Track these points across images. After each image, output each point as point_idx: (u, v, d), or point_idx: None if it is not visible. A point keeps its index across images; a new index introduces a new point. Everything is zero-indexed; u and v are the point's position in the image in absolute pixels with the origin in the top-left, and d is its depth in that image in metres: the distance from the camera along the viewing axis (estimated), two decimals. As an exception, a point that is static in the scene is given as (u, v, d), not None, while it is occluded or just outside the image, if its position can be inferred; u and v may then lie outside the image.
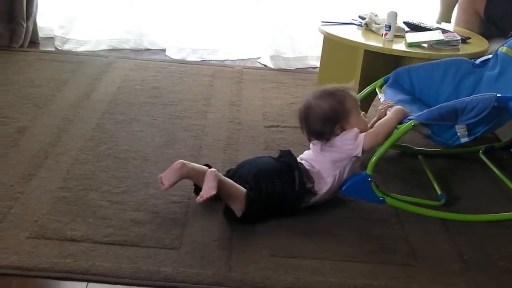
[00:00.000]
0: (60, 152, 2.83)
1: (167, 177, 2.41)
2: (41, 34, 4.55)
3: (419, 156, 3.10)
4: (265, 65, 4.49)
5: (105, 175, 2.66)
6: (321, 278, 2.11)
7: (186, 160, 2.56)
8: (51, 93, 3.53)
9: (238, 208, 2.36)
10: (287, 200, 2.44)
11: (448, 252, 2.34)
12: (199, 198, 2.30)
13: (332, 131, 2.53)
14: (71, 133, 3.03)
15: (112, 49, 4.54)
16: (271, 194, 2.41)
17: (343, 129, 2.54)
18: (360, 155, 2.53)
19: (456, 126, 2.52)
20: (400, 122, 2.55)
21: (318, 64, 3.82)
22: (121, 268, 2.06)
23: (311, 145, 2.63)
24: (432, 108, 2.54)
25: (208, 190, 2.30)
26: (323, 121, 2.53)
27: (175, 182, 2.42)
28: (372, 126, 2.59)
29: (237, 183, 2.42)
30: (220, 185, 2.34)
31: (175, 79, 3.99)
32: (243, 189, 2.37)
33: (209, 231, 2.32)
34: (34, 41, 4.47)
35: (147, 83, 3.85)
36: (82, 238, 2.20)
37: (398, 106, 2.64)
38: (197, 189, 2.51)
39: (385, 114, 2.64)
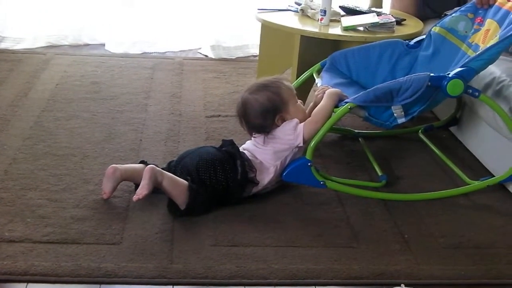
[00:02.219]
0: (-3, 152, 2.79)
1: (104, 185, 2.45)
2: (-24, 33, 4.47)
3: (360, 139, 3.13)
4: (206, 55, 4.47)
5: (43, 174, 2.62)
6: (263, 265, 2.12)
7: (128, 154, 2.56)
8: (-13, 94, 3.47)
9: (181, 201, 2.35)
10: (229, 190, 2.44)
11: (389, 232, 2.37)
12: (135, 197, 2.31)
13: (273, 123, 2.55)
14: (8, 133, 2.98)
15: (50, 45, 4.47)
16: (214, 184, 2.41)
17: (283, 120, 2.55)
18: (301, 144, 2.54)
19: (392, 107, 2.54)
20: (336, 106, 2.57)
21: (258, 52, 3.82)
22: (61, 267, 2.04)
23: (253, 139, 2.63)
24: (368, 90, 2.56)
25: (141, 189, 2.31)
26: (263, 115, 2.53)
27: (114, 188, 2.45)
28: (310, 113, 2.60)
29: (181, 174, 2.42)
30: (160, 181, 2.34)
31: (114, 73, 3.96)
32: (185, 182, 2.37)
33: (151, 224, 2.31)
34: (-32, 41, 4.39)
35: (86, 79, 3.81)
36: (20, 238, 2.17)
37: (332, 90, 2.65)
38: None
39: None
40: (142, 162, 2.52)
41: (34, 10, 4.42)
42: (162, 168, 2.44)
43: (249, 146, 2.60)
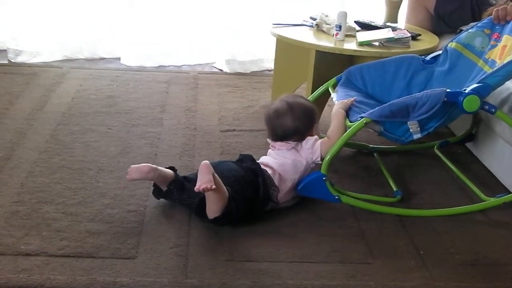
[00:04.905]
0: (14, 165, 2.79)
1: (133, 171, 2.47)
2: (-7, 47, 4.51)
3: (375, 154, 3.12)
4: (220, 70, 4.49)
5: (59, 187, 2.63)
6: (278, 281, 2.11)
7: None
8: (3, 107, 3.49)
9: (215, 208, 2.33)
10: (253, 207, 2.44)
11: (405, 248, 2.36)
12: (197, 187, 2.26)
13: (308, 131, 2.60)
14: (24, 146, 2.99)
15: (66, 59, 4.50)
16: (244, 202, 2.40)
17: (312, 133, 2.60)
18: (319, 160, 2.55)
19: (408, 122, 2.53)
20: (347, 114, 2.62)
21: (273, 66, 3.82)
22: (76, 281, 2.04)
23: (271, 151, 2.65)
24: (384, 105, 2.55)
25: (208, 182, 2.25)
26: (305, 117, 2.60)
27: (138, 180, 2.50)
28: None
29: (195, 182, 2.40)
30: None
31: (130, 87, 3.97)
32: (226, 191, 2.36)
33: (166, 238, 2.31)
34: (-14, 54, 4.43)
35: (101, 93, 3.83)
36: (36, 252, 2.18)
37: (335, 108, 2.70)
38: (156, 190, 2.53)
39: None
40: (170, 168, 2.53)
41: (50, 24, 4.44)
42: (167, 190, 2.51)
43: (268, 160, 2.60)
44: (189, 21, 4.55)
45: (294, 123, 2.58)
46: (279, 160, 2.57)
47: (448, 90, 2.49)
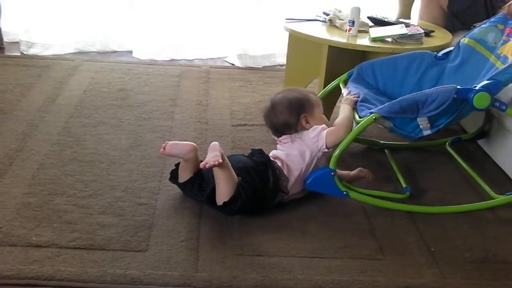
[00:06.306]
0: (25, 157, 2.81)
1: (172, 147, 2.51)
2: (6, 38, 4.51)
3: (386, 150, 3.11)
4: (232, 64, 4.49)
5: (70, 179, 2.64)
6: (288, 276, 2.11)
7: (155, 161, 2.68)
8: (16, 98, 3.50)
9: (225, 191, 2.35)
10: (262, 198, 2.45)
11: (415, 245, 2.35)
12: (203, 164, 2.32)
13: (298, 121, 2.59)
14: (36, 138, 3.01)
15: (78, 52, 4.52)
16: (253, 191, 2.41)
17: (307, 122, 2.60)
18: (324, 149, 2.55)
19: (418, 118, 2.52)
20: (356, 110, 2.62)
21: (285, 61, 3.82)
22: (87, 273, 2.05)
23: (278, 145, 2.66)
24: (394, 101, 2.55)
25: (215, 157, 2.31)
26: (288, 110, 2.60)
27: (173, 156, 2.54)
28: None
29: (211, 183, 2.42)
30: (223, 158, 2.35)
31: (141, 80, 3.98)
32: (236, 177, 2.38)
33: (176, 232, 2.32)
34: (-1, 46, 4.44)
35: (113, 86, 3.83)
36: (47, 243, 2.19)
37: (342, 104, 2.72)
38: (173, 174, 2.57)
39: None
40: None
41: (62, 17, 4.46)
42: (192, 177, 2.50)
43: (276, 153, 2.61)
44: (202, 15, 4.56)
45: (278, 120, 2.62)
46: (286, 151, 2.59)
47: (458, 87, 2.47)
